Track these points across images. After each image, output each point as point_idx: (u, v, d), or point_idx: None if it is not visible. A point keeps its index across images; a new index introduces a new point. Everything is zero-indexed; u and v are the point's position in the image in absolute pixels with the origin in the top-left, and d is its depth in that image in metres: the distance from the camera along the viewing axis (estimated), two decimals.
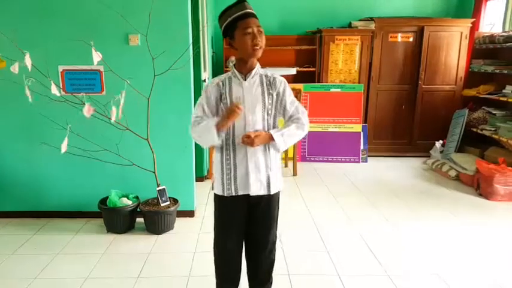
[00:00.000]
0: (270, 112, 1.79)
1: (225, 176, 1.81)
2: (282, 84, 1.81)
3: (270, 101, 1.78)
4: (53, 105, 2.87)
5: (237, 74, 1.76)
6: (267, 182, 1.82)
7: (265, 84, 1.77)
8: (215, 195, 1.89)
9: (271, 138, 1.76)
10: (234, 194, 1.81)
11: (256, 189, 1.81)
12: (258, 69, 1.78)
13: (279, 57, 5.39)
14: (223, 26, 1.72)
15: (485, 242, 2.95)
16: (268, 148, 1.82)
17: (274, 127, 1.83)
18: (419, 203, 3.74)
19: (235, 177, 1.79)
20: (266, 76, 1.79)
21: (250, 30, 1.64)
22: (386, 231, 3.14)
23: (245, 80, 1.75)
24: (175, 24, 2.98)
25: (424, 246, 2.88)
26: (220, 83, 1.78)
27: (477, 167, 4.05)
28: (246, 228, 1.91)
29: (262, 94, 1.76)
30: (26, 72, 2.57)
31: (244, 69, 1.76)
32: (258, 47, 1.65)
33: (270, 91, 1.78)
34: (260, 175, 1.80)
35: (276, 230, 1.97)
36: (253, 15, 1.67)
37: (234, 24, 1.66)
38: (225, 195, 1.82)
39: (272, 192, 1.84)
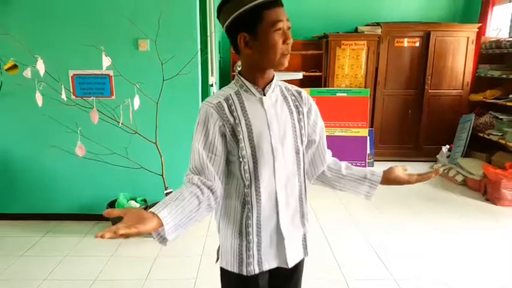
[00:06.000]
0: (303, 139, 1.22)
1: (244, 243, 1.18)
2: (310, 100, 1.28)
3: (302, 124, 1.21)
4: (63, 109, 2.91)
5: (250, 86, 1.16)
6: (303, 240, 1.29)
7: (290, 100, 1.22)
8: (224, 271, 1.26)
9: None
10: (257, 271, 1.19)
11: (294, 257, 1.25)
12: (276, 79, 1.21)
13: None
14: (233, 18, 1.09)
15: (492, 248, 2.94)
16: (305, 188, 1.26)
17: (305, 163, 1.28)
18: (426, 207, 3.74)
19: (259, 244, 1.18)
20: (287, 88, 1.25)
21: (281, 24, 1.07)
22: (392, 235, 3.14)
23: (264, 95, 1.17)
24: (183, 29, 3.03)
25: (431, 251, 2.88)
26: (224, 104, 1.14)
27: (484, 172, 4.04)
28: None
29: (290, 114, 1.19)
30: (38, 76, 2.61)
31: (261, 81, 1.17)
32: (288, 53, 1.12)
33: (300, 108, 1.22)
34: (297, 233, 1.25)
35: None
36: (282, 4, 1.11)
37: (259, 14, 1.06)
38: (244, 273, 1.19)
39: (309, 253, 1.32)
